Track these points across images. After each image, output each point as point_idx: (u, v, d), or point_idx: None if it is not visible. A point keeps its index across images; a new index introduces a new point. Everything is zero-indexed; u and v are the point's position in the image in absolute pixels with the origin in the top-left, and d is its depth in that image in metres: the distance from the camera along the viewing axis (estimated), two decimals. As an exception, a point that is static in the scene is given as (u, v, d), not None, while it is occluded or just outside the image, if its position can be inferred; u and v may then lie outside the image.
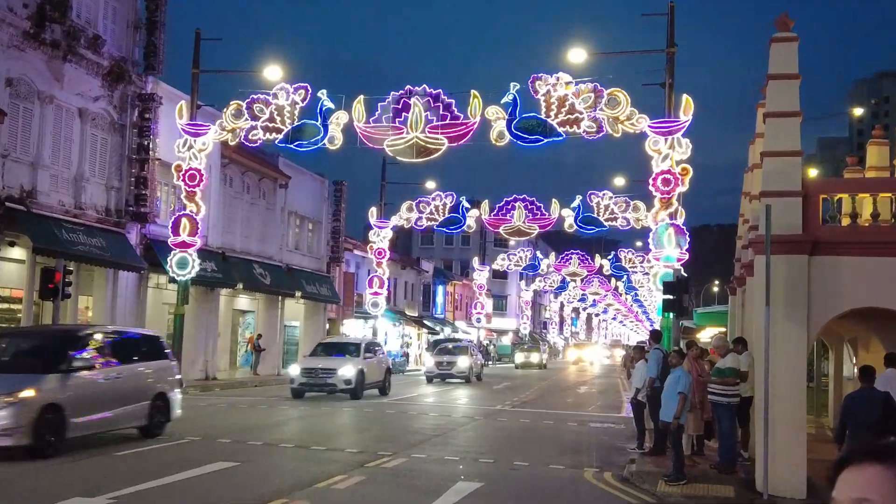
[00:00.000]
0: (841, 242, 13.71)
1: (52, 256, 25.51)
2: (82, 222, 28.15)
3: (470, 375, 41.32)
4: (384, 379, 32.14)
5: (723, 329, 29.19)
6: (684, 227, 26.32)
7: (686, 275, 24.37)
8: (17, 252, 26.28)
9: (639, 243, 61.25)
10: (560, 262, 64.04)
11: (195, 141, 29.86)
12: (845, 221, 14.02)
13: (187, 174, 29.92)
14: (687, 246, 26.30)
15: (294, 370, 29.97)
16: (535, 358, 61.93)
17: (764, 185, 14.05)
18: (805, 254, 13.48)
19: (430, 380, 41.43)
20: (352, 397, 28.81)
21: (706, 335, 34.75)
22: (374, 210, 46.10)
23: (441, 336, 69.54)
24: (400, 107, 28.42)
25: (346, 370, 29.10)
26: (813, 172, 39.74)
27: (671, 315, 22.35)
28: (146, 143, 30.88)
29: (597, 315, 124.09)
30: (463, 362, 41.20)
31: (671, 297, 20.37)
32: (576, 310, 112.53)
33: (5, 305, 26.69)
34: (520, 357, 63.62)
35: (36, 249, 25.72)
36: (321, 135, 28.73)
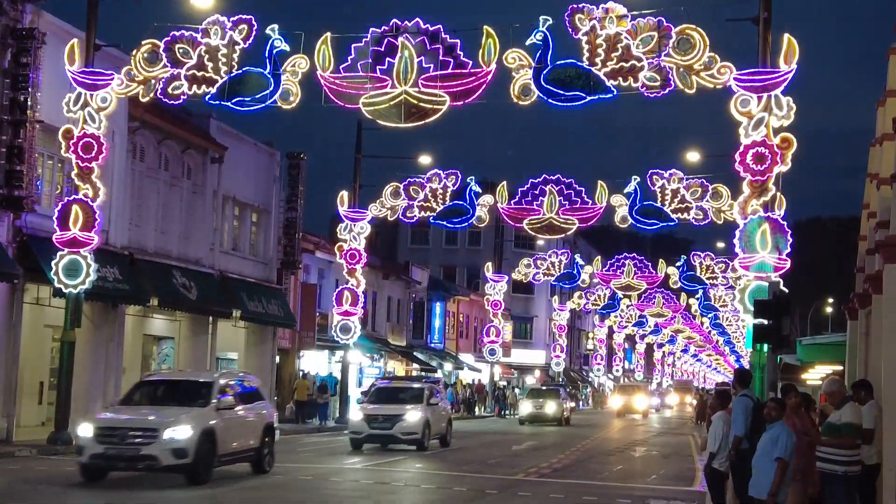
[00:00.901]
0: None
1: None
2: (-69, 210, 28.21)
3: (424, 438, 34.67)
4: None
5: (838, 368, 29.28)
6: (785, 223, 26.33)
7: (787, 290, 24.37)
8: None
9: (720, 245, 61.25)
10: (608, 270, 64.02)
11: (92, 96, 29.84)
12: None
13: (81, 143, 29.90)
14: (789, 249, 26.32)
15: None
16: (550, 408, 60.24)
17: (897, 165, 14.09)
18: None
19: (356, 445, 34.74)
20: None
21: (815, 376, 34.84)
22: (344, 195, 46.16)
23: (423, 374, 69.36)
24: (383, 49, 28.46)
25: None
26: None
27: (765, 348, 22.35)
28: (23, 98, 30.83)
29: (660, 346, 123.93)
30: (413, 416, 34.84)
31: (765, 321, 20.38)
32: (631, 338, 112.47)
33: None
34: (527, 407, 62.30)
35: None
36: (270, 87, 28.74)
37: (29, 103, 30.91)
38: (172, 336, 43.86)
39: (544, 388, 69.16)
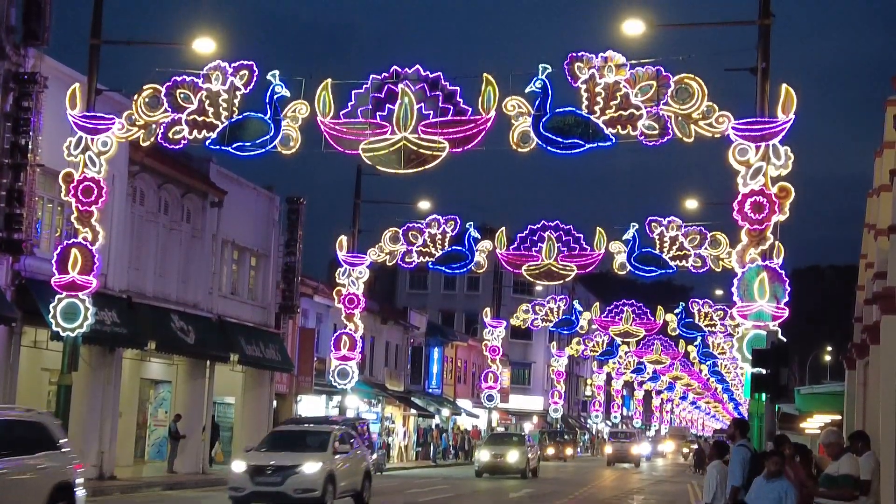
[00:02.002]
0: None
1: None
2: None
3: (326, 496, 28.30)
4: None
5: (837, 417, 29.21)
6: (783, 272, 26.32)
7: (785, 339, 24.35)
8: None
9: (719, 292, 61.17)
10: (607, 316, 63.95)
11: (93, 140, 29.90)
12: None
13: (81, 187, 29.92)
14: (787, 298, 26.31)
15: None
16: (512, 457, 52.17)
17: None
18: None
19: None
20: None
21: (813, 425, 34.75)
22: (343, 240, 46.18)
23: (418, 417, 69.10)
24: (383, 96, 28.52)
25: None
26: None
27: (763, 397, 22.30)
28: (24, 141, 30.94)
29: (658, 392, 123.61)
30: (311, 467, 28.21)
31: (763, 370, 20.36)
32: (629, 385, 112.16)
33: None
34: (484, 455, 53.12)
35: None
36: (271, 133, 28.79)
37: (30, 147, 31.01)
38: (170, 380, 43.78)
39: (507, 433, 66.89)
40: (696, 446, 74.00)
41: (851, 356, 23.02)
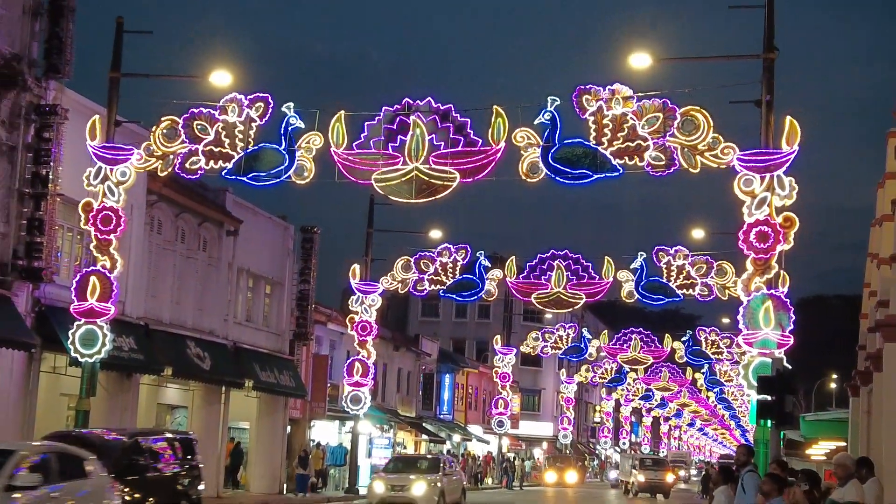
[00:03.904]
0: None
1: None
2: (-48, 280, 28.32)
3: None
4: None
5: (841, 444, 29.09)
6: (788, 300, 26.29)
7: (790, 367, 24.28)
8: None
9: (725, 320, 60.97)
10: (615, 344, 63.85)
11: (112, 170, 30.06)
12: None
13: (100, 216, 30.07)
14: (792, 326, 26.25)
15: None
16: (418, 489, 37.22)
17: (896, 246, 14.11)
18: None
19: None
20: None
21: (818, 451, 34.61)
22: (356, 268, 46.28)
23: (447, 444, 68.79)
24: (395, 127, 28.62)
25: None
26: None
27: (769, 423, 22.23)
28: (44, 171, 31.00)
29: (667, 419, 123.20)
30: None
31: (769, 397, 20.31)
32: (637, 411, 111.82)
33: None
34: (379, 486, 38.26)
35: None
36: (285, 163, 28.91)
37: (50, 177, 31.05)
38: (186, 405, 43.70)
39: (416, 455, 51.71)
40: (702, 470, 73.40)
41: (855, 384, 22.96)
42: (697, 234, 46.30)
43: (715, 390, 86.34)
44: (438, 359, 75.09)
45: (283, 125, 29.10)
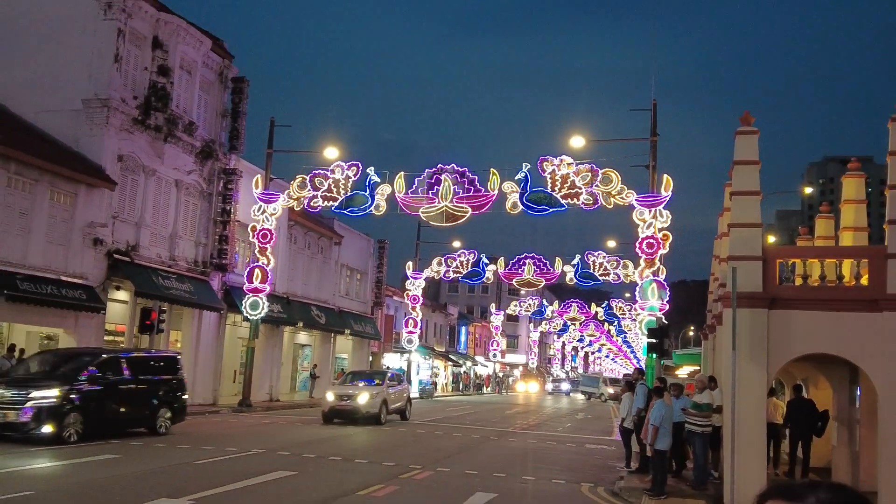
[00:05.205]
0: (795, 299, 13.61)
1: (149, 299, 25.88)
2: (175, 271, 28.49)
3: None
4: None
5: (696, 368, 28.83)
6: (665, 283, 26.20)
7: (666, 322, 24.19)
8: (122, 295, 26.61)
9: (627, 295, 60.75)
10: (562, 308, 63.72)
11: (267, 207, 30.26)
12: (798, 282, 13.93)
13: (260, 233, 30.28)
14: (667, 298, 26.16)
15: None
16: (362, 399, 26.31)
17: (731, 251, 14.03)
18: (765, 308, 13.40)
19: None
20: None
21: (683, 373, 34.36)
22: (409, 264, 46.31)
23: (462, 368, 68.82)
24: (433, 181, 28.69)
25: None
26: (771, 239, 39.39)
27: (654, 356, 22.13)
28: (228, 208, 31.31)
29: (593, 353, 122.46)
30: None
31: (654, 340, 20.21)
32: (575, 348, 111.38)
33: (111, 338, 26.96)
34: (329, 397, 27.06)
35: (137, 293, 26.04)
36: (369, 203, 29.03)
37: (231, 211, 31.33)
38: (310, 344, 43.91)
39: (368, 371, 35.16)
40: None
41: (706, 332, 22.75)
42: (611, 243, 43.49)
43: (621, 336, 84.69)
44: (458, 317, 75.04)
45: (367, 180, 29.20)
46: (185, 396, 20.86)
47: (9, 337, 23.61)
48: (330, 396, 26.79)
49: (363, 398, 26.31)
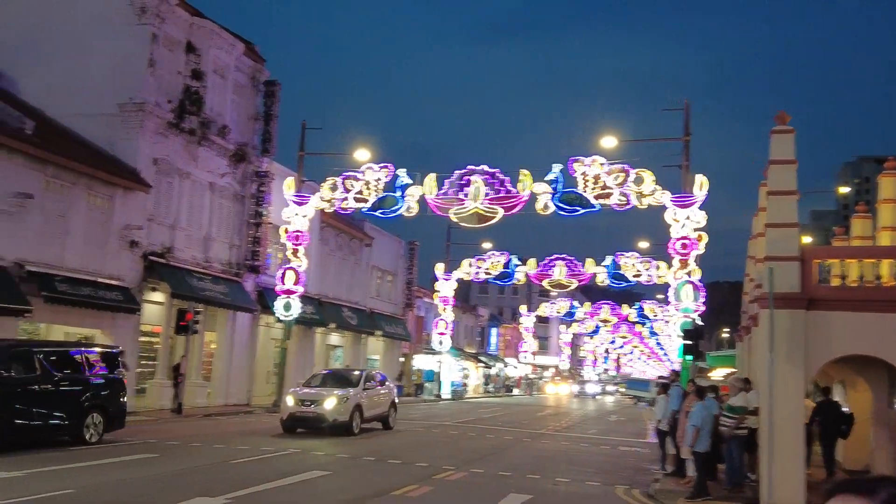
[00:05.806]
0: (832, 300, 13.45)
1: (185, 300, 26.24)
2: (209, 273, 28.86)
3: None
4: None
5: (732, 370, 28.53)
6: (700, 284, 25.97)
7: (702, 323, 23.98)
8: (158, 296, 27.01)
9: (660, 296, 60.21)
10: (593, 310, 63.35)
11: (300, 209, 30.50)
12: (835, 282, 13.76)
13: (293, 235, 30.54)
14: (703, 299, 25.92)
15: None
16: (329, 405, 21.05)
17: (767, 251, 13.90)
18: (802, 309, 13.26)
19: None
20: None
21: (718, 375, 34.00)
22: (440, 266, 46.39)
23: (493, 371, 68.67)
24: (463, 182, 28.60)
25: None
26: (807, 240, 38.84)
27: (688, 358, 21.97)
28: (261, 210, 31.63)
29: (625, 355, 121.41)
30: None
31: (690, 342, 20.07)
32: (607, 350, 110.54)
33: (147, 339, 27.39)
34: (289, 401, 21.46)
35: (173, 294, 26.43)
36: (399, 205, 29.08)
37: (264, 213, 31.66)
38: (342, 346, 44.18)
39: (342, 370, 28.27)
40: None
41: (741, 334, 22.52)
42: (644, 244, 43.14)
43: (654, 338, 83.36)
44: (488, 318, 75.05)
45: (398, 182, 29.25)
46: (125, 399, 17.47)
47: (47, 339, 23.92)
48: (290, 401, 21.18)
49: (329, 403, 20.97)
